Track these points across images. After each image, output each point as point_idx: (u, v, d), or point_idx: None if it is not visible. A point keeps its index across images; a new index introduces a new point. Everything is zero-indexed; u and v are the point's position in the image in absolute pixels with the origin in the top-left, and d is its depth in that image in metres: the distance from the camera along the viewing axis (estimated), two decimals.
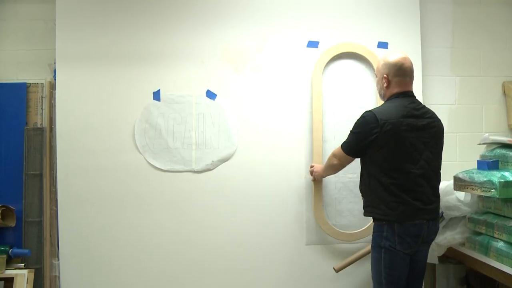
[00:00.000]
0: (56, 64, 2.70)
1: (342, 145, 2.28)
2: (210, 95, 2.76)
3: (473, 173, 2.33)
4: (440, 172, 2.23)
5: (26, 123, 2.79)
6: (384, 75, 2.21)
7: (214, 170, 2.74)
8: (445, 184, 2.61)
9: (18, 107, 2.78)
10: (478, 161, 2.45)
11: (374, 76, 2.52)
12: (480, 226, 2.39)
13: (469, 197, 2.53)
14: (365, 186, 2.22)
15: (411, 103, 2.17)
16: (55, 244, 2.70)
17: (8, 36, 2.86)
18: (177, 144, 2.73)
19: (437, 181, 2.20)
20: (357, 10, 2.84)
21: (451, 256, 2.65)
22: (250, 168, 2.74)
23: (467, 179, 2.34)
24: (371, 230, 2.22)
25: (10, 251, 2.64)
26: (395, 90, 2.20)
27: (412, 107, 2.15)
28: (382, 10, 2.86)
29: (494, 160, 2.36)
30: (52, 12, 2.73)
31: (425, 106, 2.25)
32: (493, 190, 2.14)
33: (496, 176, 2.16)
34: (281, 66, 2.79)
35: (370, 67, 2.80)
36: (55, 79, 2.72)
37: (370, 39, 2.83)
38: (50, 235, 2.73)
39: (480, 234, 2.41)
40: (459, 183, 2.42)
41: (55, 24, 2.71)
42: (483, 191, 2.22)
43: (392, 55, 2.23)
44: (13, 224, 2.69)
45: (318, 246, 2.76)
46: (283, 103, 2.77)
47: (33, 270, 2.66)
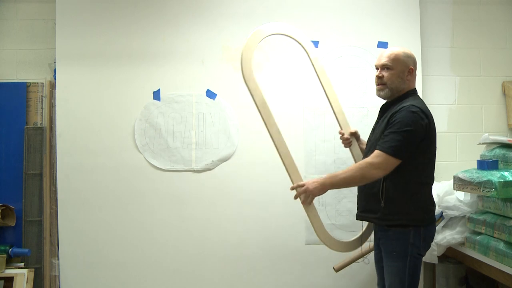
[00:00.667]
0: (56, 64, 2.70)
1: (387, 150, 1.87)
2: (210, 95, 2.76)
3: (473, 173, 2.33)
4: None
5: (26, 123, 2.79)
6: (411, 67, 2.04)
7: (214, 170, 2.74)
8: (445, 184, 2.62)
9: (18, 107, 2.79)
10: (478, 161, 2.44)
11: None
12: (480, 226, 2.39)
13: (469, 197, 2.53)
14: (398, 192, 1.93)
15: None
16: (55, 244, 2.70)
17: (8, 36, 2.86)
18: (177, 144, 2.73)
19: None
20: (357, 10, 2.85)
21: (451, 256, 2.64)
22: (250, 168, 2.74)
23: (467, 179, 2.34)
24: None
25: (10, 251, 2.64)
26: (414, 85, 2.08)
27: None
28: (382, 10, 2.86)
29: (494, 160, 2.36)
30: (53, 12, 2.73)
31: None
32: (493, 190, 2.14)
33: (496, 176, 2.15)
34: (281, 66, 2.79)
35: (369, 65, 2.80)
36: (55, 79, 2.72)
37: (370, 39, 2.84)
38: (50, 235, 2.73)
39: (480, 234, 2.41)
40: (459, 183, 2.42)
41: (55, 24, 2.71)
42: (483, 191, 2.21)
43: (405, 48, 2.11)
44: (13, 224, 2.70)
45: (318, 246, 2.75)
46: (283, 103, 2.77)
47: (33, 270, 2.67)
